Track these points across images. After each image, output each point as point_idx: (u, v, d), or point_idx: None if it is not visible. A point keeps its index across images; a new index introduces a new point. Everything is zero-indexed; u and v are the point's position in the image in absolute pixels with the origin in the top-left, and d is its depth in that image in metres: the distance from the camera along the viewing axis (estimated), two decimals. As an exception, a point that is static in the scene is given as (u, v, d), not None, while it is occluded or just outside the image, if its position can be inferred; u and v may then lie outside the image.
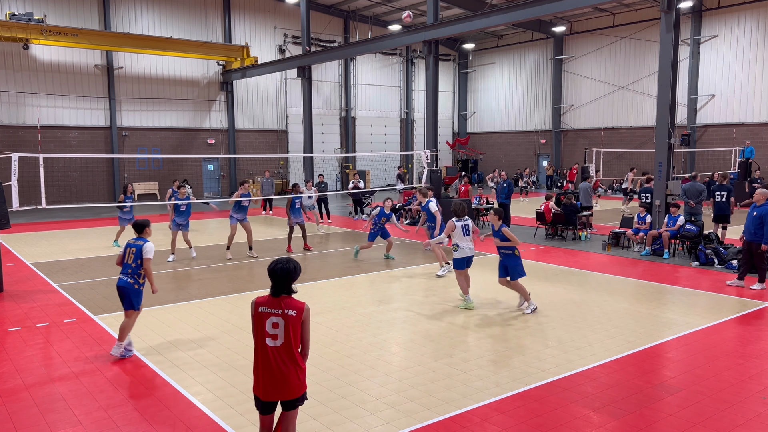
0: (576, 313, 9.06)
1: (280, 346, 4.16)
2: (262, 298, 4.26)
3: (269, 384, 4.17)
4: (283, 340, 4.16)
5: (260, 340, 4.20)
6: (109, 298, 10.08)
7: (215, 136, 30.99)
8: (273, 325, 4.16)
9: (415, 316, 8.99)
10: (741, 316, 8.90)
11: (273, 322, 4.16)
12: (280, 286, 4.19)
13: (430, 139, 20.11)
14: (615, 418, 5.55)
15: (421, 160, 18.30)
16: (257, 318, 4.21)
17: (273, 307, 4.18)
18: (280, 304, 4.18)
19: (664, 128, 14.48)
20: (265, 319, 4.17)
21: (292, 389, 4.19)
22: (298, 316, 4.18)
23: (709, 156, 29.56)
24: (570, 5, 16.99)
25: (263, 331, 4.18)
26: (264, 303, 4.21)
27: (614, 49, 33.38)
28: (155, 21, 28.83)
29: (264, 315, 4.18)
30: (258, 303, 4.23)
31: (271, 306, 4.19)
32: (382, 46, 24.85)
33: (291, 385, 4.18)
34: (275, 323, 4.15)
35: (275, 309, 4.17)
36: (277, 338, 4.16)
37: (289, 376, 4.16)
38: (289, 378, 4.17)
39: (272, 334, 4.16)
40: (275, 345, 4.16)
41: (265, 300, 4.23)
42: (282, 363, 4.15)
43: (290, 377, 4.17)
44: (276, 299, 4.20)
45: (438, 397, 6.02)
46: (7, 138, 25.26)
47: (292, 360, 4.18)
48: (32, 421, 5.55)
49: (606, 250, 14.59)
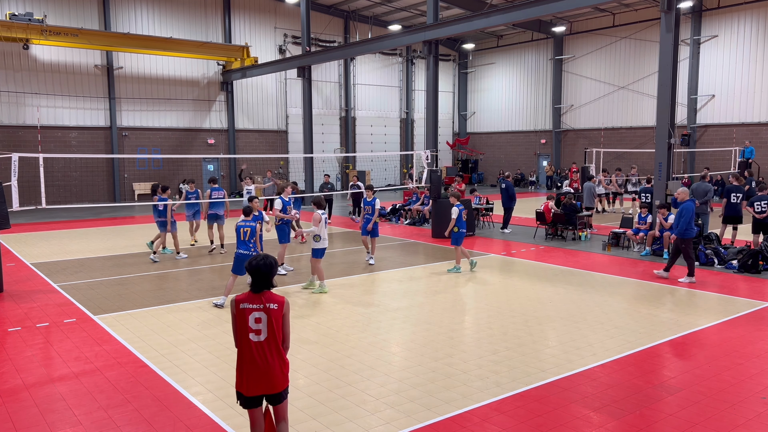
0: (576, 313, 9.06)
1: (264, 341, 4.27)
2: (241, 295, 4.35)
3: (254, 379, 4.27)
4: (267, 334, 4.27)
5: (243, 336, 4.29)
6: (109, 298, 10.09)
7: (215, 136, 31.00)
8: (256, 320, 4.26)
9: (415, 315, 8.99)
10: (741, 316, 8.90)
11: (255, 317, 4.26)
12: (261, 282, 4.29)
13: (430, 139, 20.11)
14: (615, 418, 5.55)
15: (421, 160, 18.29)
16: (239, 315, 4.29)
17: (254, 303, 4.28)
18: (261, 299, 4.28)
19: (664, 128, 14.48)
20: (247, 315, 4.27)
21: (277, 383, 4.30)
22: (279, 309, 4.29)
23: (709, 156, 29.56)
24: (570, 5, 16.98)
25: (246, 327, 4.27)
26: (245, 300, 4.30)
27: (614, 49, 33.38)
28: (155, 21, 28.83)
29: (246, 311, 4.27)
30: (238, 300, 4.32)
31: (252, 302, 4.28)
32: (382, 46, 24.84)
33: (275, 379, 4.29)
34: (258, 318, 4.26)
35: (257, 304, 4.27)
36: (260, 333, 4.26)
37: (273, 370, 4.28)
38: (274, 371, 4.28)
39: (255, 329, 4.26)
40: (259, 340, 4.27)
41: (246, 297, 4.32)
42: (266, 357, 4.26)
43: (275, 371, 4.28)
44: (257, 295, 4.30)
45: (438, 397, 6.02)
46: (7, 138, 25.26)
47: (276, 353, 4.29)
48: (32, 421, 5.55)
49: (606, 250, 14.59)
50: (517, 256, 14.07)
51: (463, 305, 9.61)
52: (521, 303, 9.68)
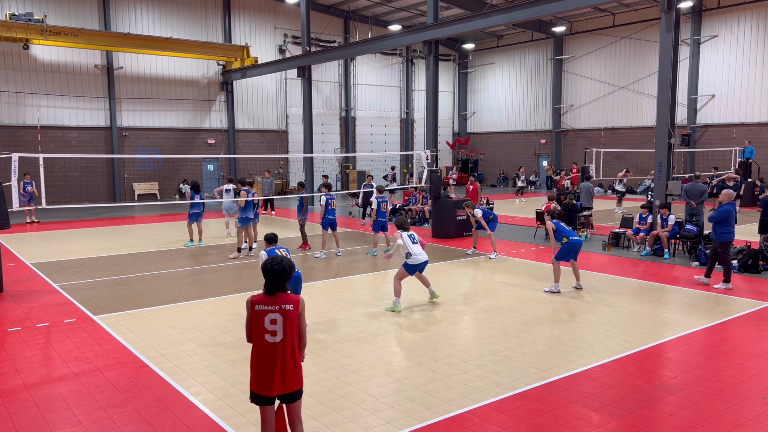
0: (576, 313, 9.06)
1: (280, 342, 4.28)
2: (257, 296, 4.36)
3: (270, 379, 4.28)
4: (283, 335, 4.28)
5: (259, 337, 4.30)
6: (109, 298, 10.09)
7: (215, 136, 31.00)
8: (271, 321, 4.27)
9: (415, 316, 8.99)
10: (741, 316, 8.90)
11: (271, 319, 4.27)
12: (275, 285, 4.31)
13: (430, 139, 20.11)
14: (615, 418, 5.55)
15: (421, 160, 18.29)
16: (255, 316, 4.30)
17: (270, 304, 4.29)
18: (276, 300, 4.29)
19: (664, 128, 14.48)
20: (262, 317, 4.28)
21: (292, 383, 4.33)
22: (294, 309, 4.31)
23: (709, 156, 29.56)
24: (570, 5, 16.98)
25: (262, 328, 4.28)
26: (260, 301, 4.32)
27: (614, 49, 33.38)
28: (155, 21, 28.83)
29: (261, 312, 4.28)
30: (254, 302, 4.33)
31: (267, 303, 4.30)
32: (382, 46, 24.83)
33: (291, 379, 4.32)
34: (273, 319, 4.27)
35: (272, 306, 4.29)
36: (276, 334, 4.28)
37: (289, 370, 4.30)
38: (289, 372, 4.30)
39: (271, 330, 4.28)
40: (275, 341, 4.28)
41: (261, 298, 4.33)
42: (282, 358, 4.28)
43: (290, 371, 4.30)
44: (272, 297, 4.31)
45: (438, 397, 6.02)
46: (7, 138, 25.27)
47: (291, 354, 4.31)
48: (32, 421, 5.55)
49: (606, 250, 14.59)
50: (517, 256, 14.07)
51: (463, 305, 9.61)
52: (521, 303, 9.68)
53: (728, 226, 10.60)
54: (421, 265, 9.48)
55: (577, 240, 10.41)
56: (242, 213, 14.08)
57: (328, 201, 13.94)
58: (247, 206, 14.08)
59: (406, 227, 9.80)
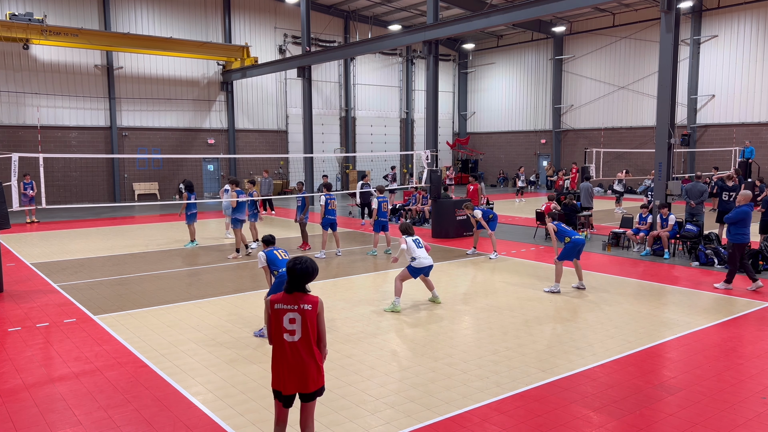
0: (576, 313, 9.06)
1: (298, 341, 4.30)
2: (276, 295, 4.39)
3: (289, 378, 4.31)
4: (301, 334, 4.29)
5: (278, 336, 4.33)
6: (109, 298, 10.09)
7: (215, 136, 31.00)
8: (290, 320, 4.29)
9: (415, 315, 8.99)
10: (741, 316, 8.90)
11: (290, 318, 4.29)
12: (296, 284, 4.33)
13: (430, 139, 20.11)
14: (615, 418, 5.55)
15: (421, 160, 18.29)
16: (274, 315, 4.33)
17: (289, 303, 4.31)
18: (295, 300, 4.31)
19: (664, 128, 14.48)
20: (281, 316, 4.30)
21: (312, 381, 4.34)
22: (313, 310, 4.32)
23: (709, 156, 29.56)
24: (570, 5, 16.98)
25: (281, 327, 4.31)
26: (279, 300, 4.34)
27: (614, 49, 33.38)
28: (155, 21, 28.83)
29: (281, 312, 4.30)
30: (273, 301, 4.35)
31: (286, 302, 4.32)
32: (382, 46, 24.83)
33: (310, 378, 4.32)
34: (292, 319, 4.29)
35: (291, 305, 4.30)
36: (294, 333, 4.29)
37: (308, 369, 4.31)
38: (309, 371, 4.31)
39: (290, 329, 4.29)
40: (293, 340, 4.30)
41: (281, 297, 4.35)
42: (300, 357, 4.29)
43: (309, 370, 4.31)
44: (291, 296, 4.33)
45: (438, 397, 6.02)
46: (7, 138, 25.27)
47: (309, 353, 4.31)
48: (32, 421, 5.55)
49: (606, 250, 14.59)
50: (517, 255, 14.08)
51: (463, 305, 9.61)
52: (521, 303, 9.68)
53: (744, 227, 10.32)
54: (426, 269, 9.48)
55: (579, 239, 10.41)
56: (233, 214, 14.05)
57: (327, 201, 13.94)
58: (238, 207, 13.96)
59: (411, 232, 9.81)
